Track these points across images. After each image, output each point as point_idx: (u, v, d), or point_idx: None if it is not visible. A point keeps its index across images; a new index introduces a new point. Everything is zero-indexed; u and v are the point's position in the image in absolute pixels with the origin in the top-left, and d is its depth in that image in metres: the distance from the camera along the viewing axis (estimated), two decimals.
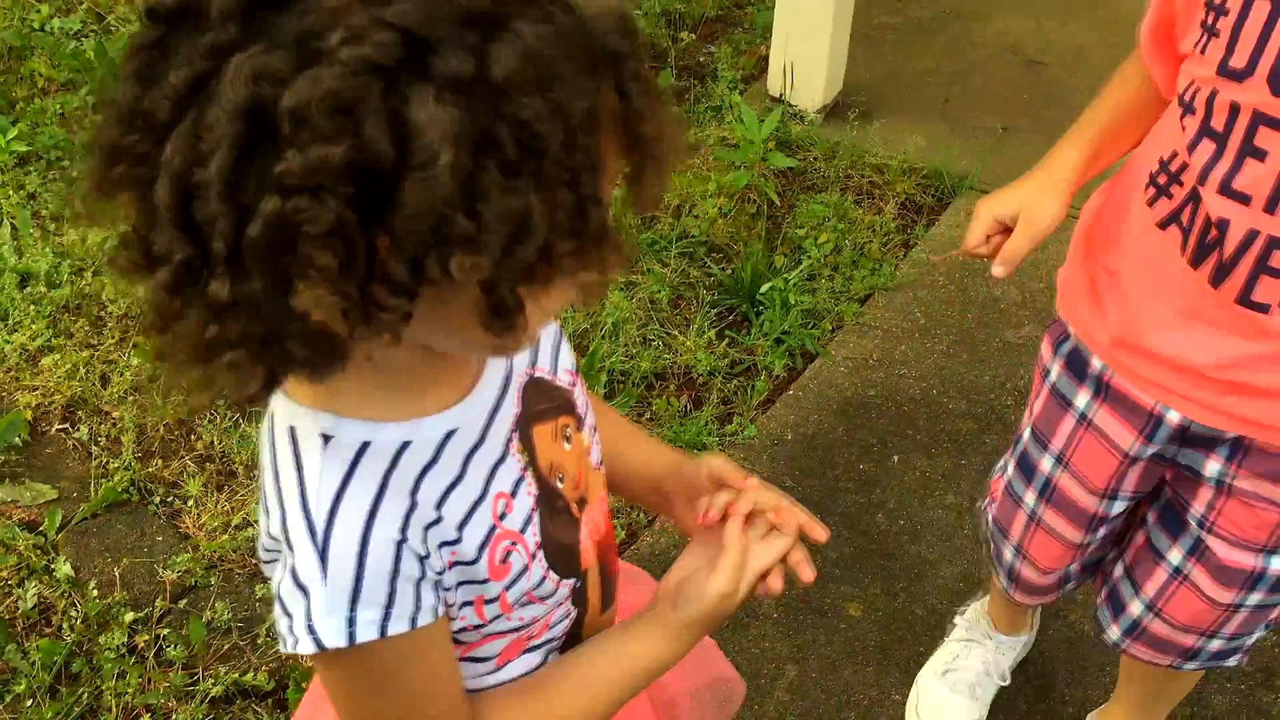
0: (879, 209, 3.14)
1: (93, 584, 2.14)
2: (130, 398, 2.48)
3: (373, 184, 0.60)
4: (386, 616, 0.82)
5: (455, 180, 0.60)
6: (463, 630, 0.92)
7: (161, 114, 0.61)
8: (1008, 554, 1.74)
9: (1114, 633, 1.67)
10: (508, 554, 0.90)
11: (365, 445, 0.82)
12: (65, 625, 2.08)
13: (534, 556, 0.93)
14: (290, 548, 0.81)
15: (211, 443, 2.41)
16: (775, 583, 1.00)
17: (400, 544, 0.82)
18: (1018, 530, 1.69)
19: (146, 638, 2.06)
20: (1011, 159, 3.35)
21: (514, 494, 0.91)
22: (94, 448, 2.39)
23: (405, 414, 0.85)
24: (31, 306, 2.65)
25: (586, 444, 1.03)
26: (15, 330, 2.60)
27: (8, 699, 1.98)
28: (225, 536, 2.23)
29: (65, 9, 3.66)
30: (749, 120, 3.13)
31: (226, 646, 2.06)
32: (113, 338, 2.61)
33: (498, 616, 0.93)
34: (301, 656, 0.84)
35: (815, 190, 3.17)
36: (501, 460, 0.91)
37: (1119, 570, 1.66)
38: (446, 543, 0.86)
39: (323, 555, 0.80)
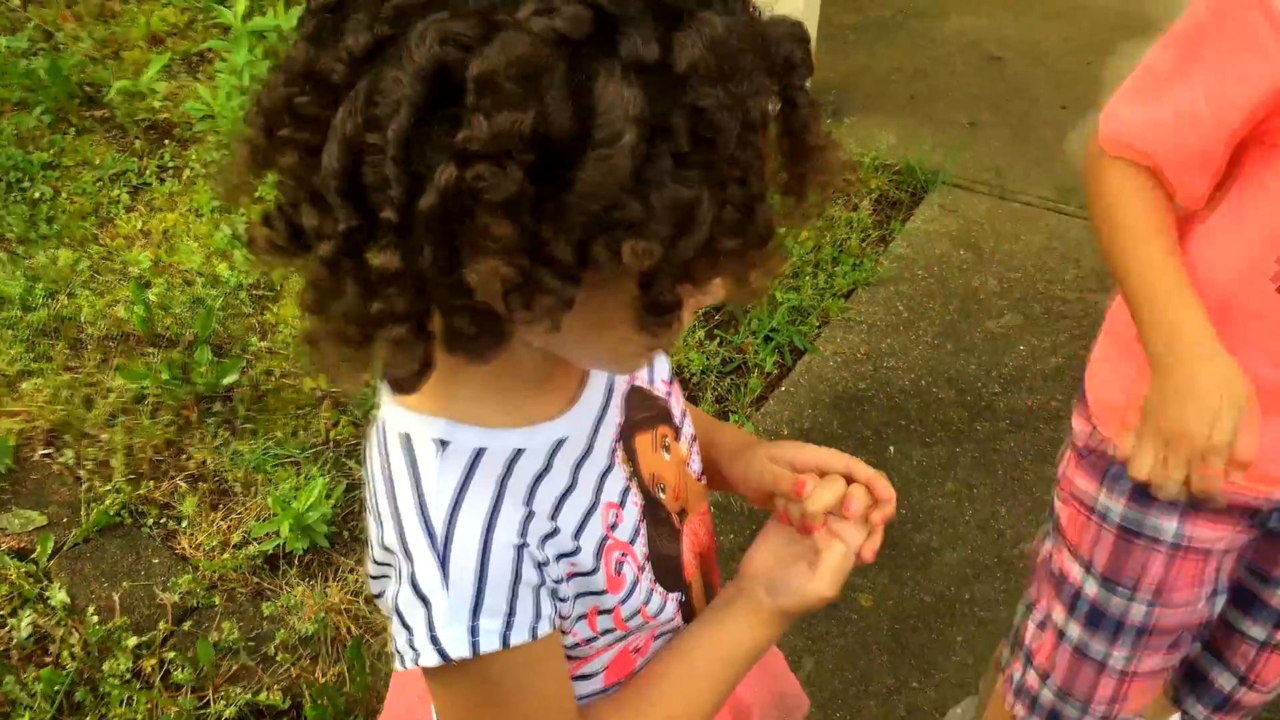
0: (855, 205, 3.17)
1: (91, 610, 2.08)
2: (117, 420, 2.42)
3: (552, 158, 0.59)
4: (509, 626, 0.79)
5: (633, 162, 0.59)
6: (574, 646, 0.90)
7: (336, 76, 0.59)
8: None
9: (1199, 711, 1.58)
10: (620, 565, 0.88)
11: (480, 451, 0.80)
12: (65, 654, 2.02)
13: (643, 569, 0.90)
14: (409, 557, 0.78)
15: (204, 462, 2.36)
16: (869, 554, 0.99)
17: (521, 549, 0.79)
18: (1106, 693, 1.46)
19: (152, 662, 2.01)
20: (981, 153, 3.41)
21: (622, 504, 0.90)
22: (82, 471, 2.33)
23: (517, 421, 0.83)
24: (8, 331, 2.58)
25: (685, 454, 1.01)
26: None
27: None
28: (226, 555, 2.18)
29: (10, 27, 3.58)
30: None
31: (236, 667, 2.02)
32: (93, 360, 2.55)
33: (609, 630, 0.91)
34: (419, 668, 0.80)
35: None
36: (609, 470, 0.89)
37: (1196, 648, 1.53)
38: (565, 554, 0.84)
39: (443, 563, 0.77)
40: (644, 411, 0.96)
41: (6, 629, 2.06)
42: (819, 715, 2.04)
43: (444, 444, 0.79)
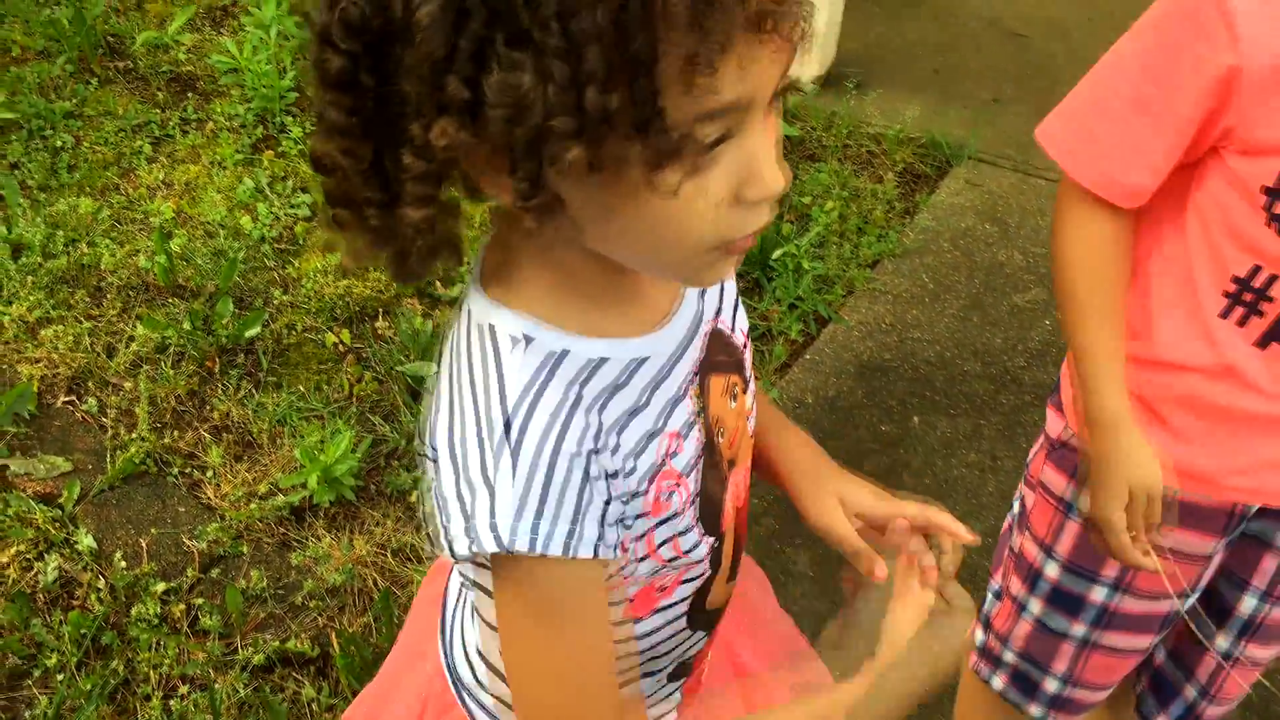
0: (880, 177, 3.16)
1: (119, 555, 2.07)
2: (140, 370, 2.40)
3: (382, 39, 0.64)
4: (572, 535, 0.76)
5: (440, 39, 0.61)
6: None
7: None
8: (1050, 685, 1.50)
9: None
10: (670, 493, 0.87)
11: (563, 353, 0.80)
12: (93, 598, 2.01)
13: (691, 502, 0.89)
14: (479, 444, 0.77)
15: (228, 413, 2.35)
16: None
17: (590, 456, 0.78)
18: (1065, 660, 1.47)
19: (180, 608, 2.00)
20: (1005, 129, 3.40)
21: (684, 436, 0.88)
22: (105, 419, 2.32)
23: (600, 333, 0.82)
24: (28, 277, 2.56)
25: (748, 408, 0.99)
26: (12, 302, 2.51)
27: (36, 673, 1.91)
28: (253, 505, 2.17)
29: None
30: None
31: (264, 615, 2.01)
32: (114, 309, 2.53)
33: (643, 558, 0.89)
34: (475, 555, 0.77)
35: (815, 160, 3.17)
36: (679, 399, 0.88)
37: (1161, 655, 1.51)
38: (616, 473, 0.82)
39: (515, 453, 0.76)
40: (722, 355, 0.95)
41: (33, 573, 2.05)
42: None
43: (528, 339, 0.79)
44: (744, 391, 0.98)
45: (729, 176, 0.69)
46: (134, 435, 2.28)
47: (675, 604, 0.98)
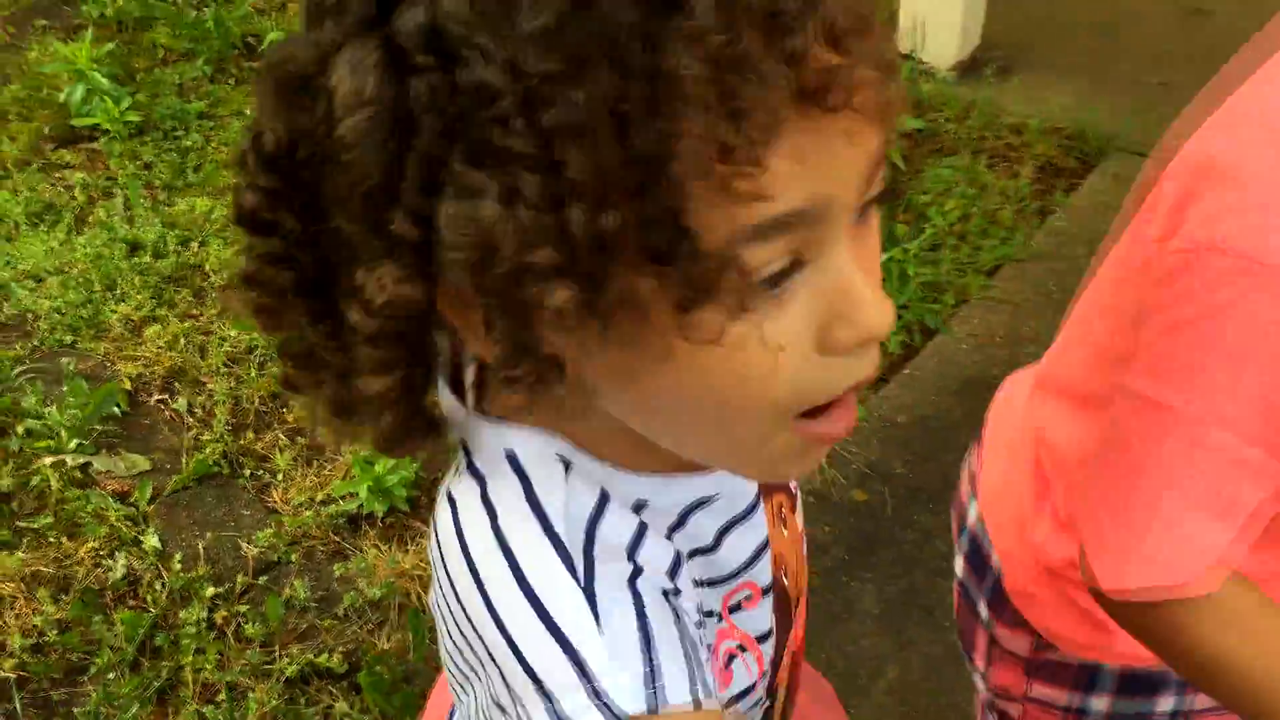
0: (1014, 172, 2.91)
1: (178, 557, 2.13)
2: (226, 369, 2.46)
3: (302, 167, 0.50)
4: (692, 680, 0.56)
5: (373, 161, 0.46)
6: None
7: None
8: None
9: None
10: (730, 658, 0.68)
11: (606, 494, 0.61)
12: (149, 598, 2.07)
13: (764, 674, 0.69)
14: (534, 606, 0.56)
15: (306, 415, 2.37)
16: None
17: (670, 594, 0.60)
18: None
19: (226, 613, 2.03)
20: (1169, 117, 3.05)
21: (766, 592, 0.69)
22: (189, 419, 2.39)
23: (650, 465, 0.61)
24: (138, 277, 2.66)
25: (801, 529, 0.80)
26: (122, 300, 2.62)
27: (92, 671, 1.98)
28: (309, 513, 2.18)
29: None
30: None
31: (304, 626, 2.02)
32: (214, 308, 2.61)
33: None
34: None
35: (944, 154, 2.95)
36: (765, 547, 0.69)
37: None
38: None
39: (590, 596, 0.56)
40: None
41: (103, 570, 2.13)
42: None
43: (568, 464, 0.60)
44: (792, 511, 0.79)
45: (807, 315, 0.50)
46: (211, 435, 2.34)
47: None
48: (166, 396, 2.46)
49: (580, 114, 0.42)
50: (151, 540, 2.15)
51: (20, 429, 2.34)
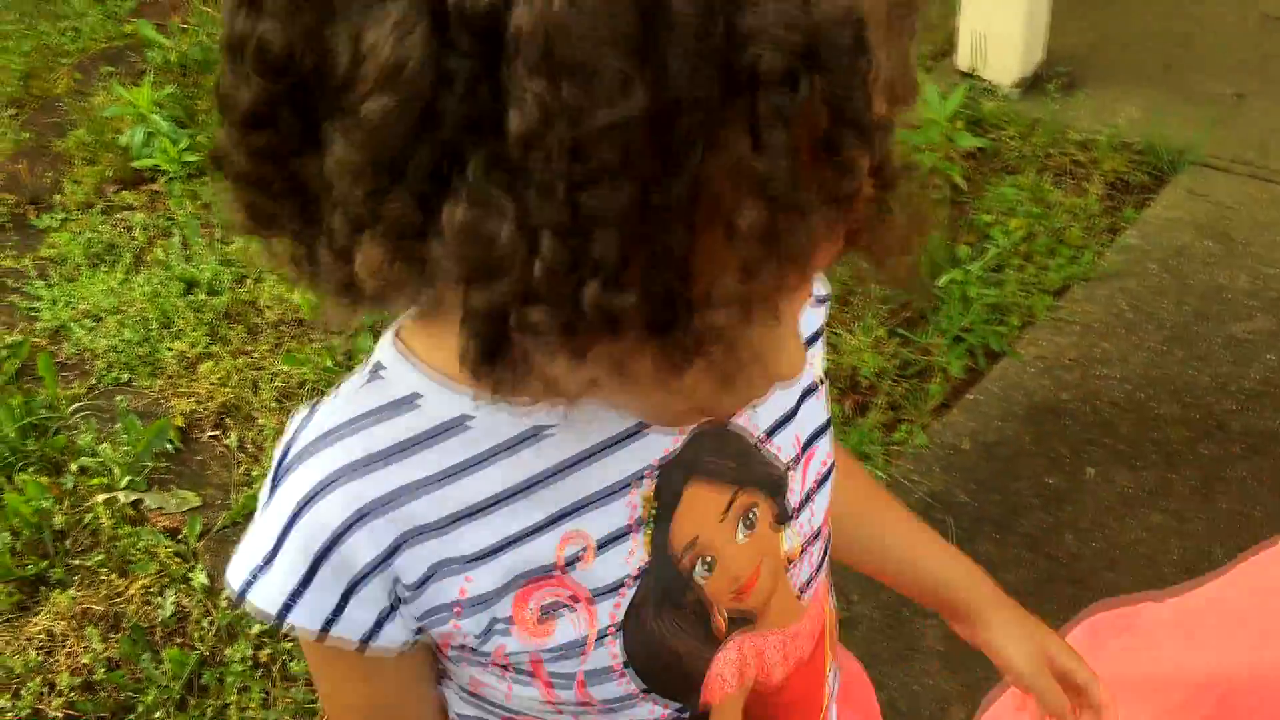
0: (1082, 190, 2.81)
1: (225, 593, 2.11)
2: (277, 404, 2.45)
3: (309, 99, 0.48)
4: (294, 602, 0.64)
5: (388, 133, 0.45)
6: (496, 693, 0.72)
7: None
8: None
9: None
10: (554, 609, 0.67)
11: (413, 397, 0.64)
12: (197, 635, 2.05)
13: (601, 637, 0.68)
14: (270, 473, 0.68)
15: None
16: None
17: (367, 522, 0.63)
18: None
19: (271, 650, 2.01)
20: (1245, 130, 2.95)
21: (603, 546, 0.67)
22: (240, 455, 2.38)
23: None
24: (193, 314, 2.68)
25: (785, 550, 0.75)
26: (177, 338, 2.63)
27: (139, 709, 1.96)
28: None
29: None
30: (931, 98, 2.86)
31: None
32: (266, 344, 2.60)
33: (539, 699, 0.70)
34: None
35: (1008, 172, 2.86)
36: (607, 496, 0.67)
37: None
38: (448, 562, 0.64)
39: (274, 484, 0.66)
40: (723, 459, 0.72)
41: (152, 607, 2.12)
42: None
43: (378, 370, 0.66)
44: (776, 522, 0.74)
45: (738, 359, 0.52)
46: (262, 471, 2.32)
47: None
48: (219, 432, 2.45)
49: (621, 207, 0.43)
50: (200, 577, 2.14)
51: (74, 466, 2.35)
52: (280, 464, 0.65)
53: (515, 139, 0.42)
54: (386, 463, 0.63)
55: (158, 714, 1.94)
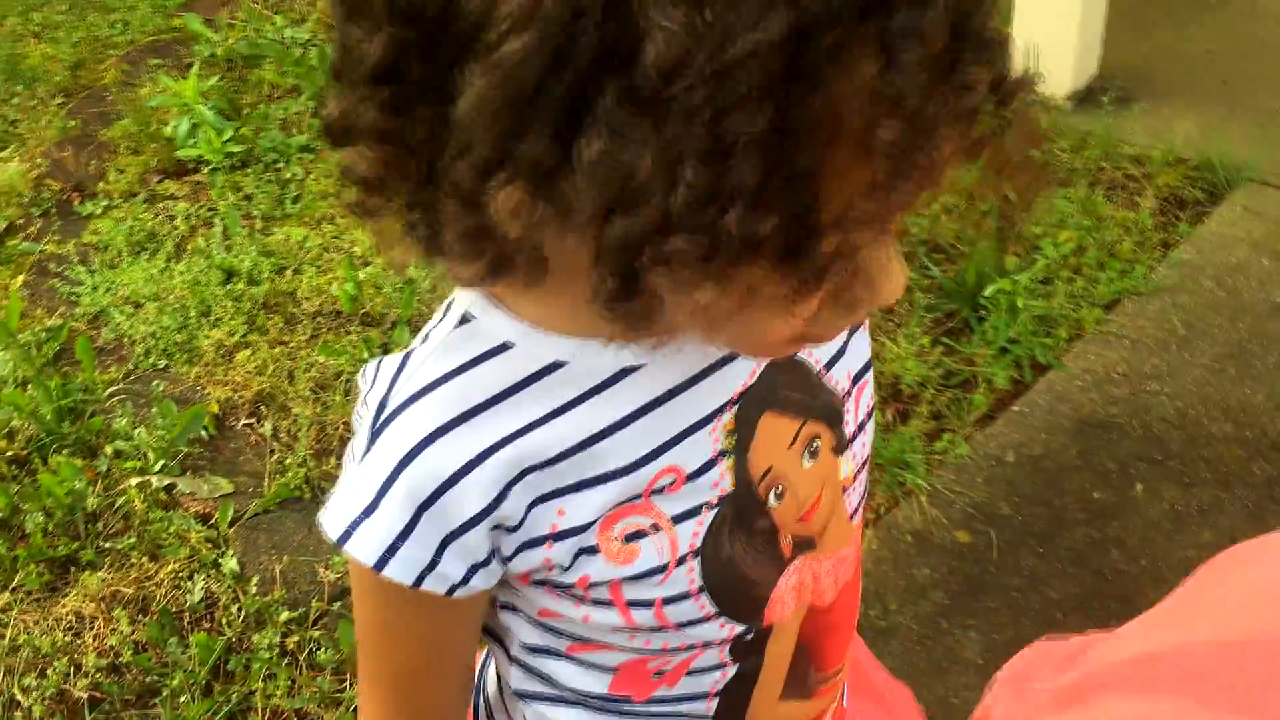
0: (1134, 204, 2.75)
1: (255, 580, 2.09)
2: (313, 395, 2.44)
3: (438, 46, 0.49)
4: (422, 567, 0.66)
5: (523, 78, 0.45)
6: (569, 622, 0.74)
7: None
8: None
9: None
10: (637, 535, 0.69)
11: (505, 345, 0.65)
12: (225, 621, 2.03)
13: (681, 562, 0.70)
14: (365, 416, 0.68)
15: None
16: None
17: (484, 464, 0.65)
18: None
19: (299, 639, 1.98)
20: None
21: (692, 476, 0.69)
22: (275, 444, 2.36)
23: (580, 329, 0.65)
24: (232, 303, 2.67)
25: (843, 475, 0.79)
26: (216, 326, 2.63)
27: (164, 693, 1.94)
28: None
29: (298, 19, 3.76)
30: None
31: None
32: (303, 335, 2.59)
33: (615, 625, 0.72)
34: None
35: (1060, 185, 2.81)
36: (692, 430, 0.69)
37: None
38: (548, 495, 0.67)
39: (375, 434, 0.66)
40: (792, 391, 0.74)
41: (181, 591, 2.10)
42: None
43: (467, 319, 0.66)
44: (835, 451, 0.77)
45: (853, 281, 0.54)
46: (295, 459, 2.31)
47: (687, 698, 0.78)
48: (253, 421, 2.44)
49: (761, 130, 0.44)
50: (230, 563, 2.12)
51: (109, 450, 2.35)
52: (380, 415, 0.66)
53: (653, 68, 0.43)
54: (488, 409, 0.64)
55: (183, 698, 1.92)
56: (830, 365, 0.76)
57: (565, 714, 0.80)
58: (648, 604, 0.70)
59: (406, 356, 0.67)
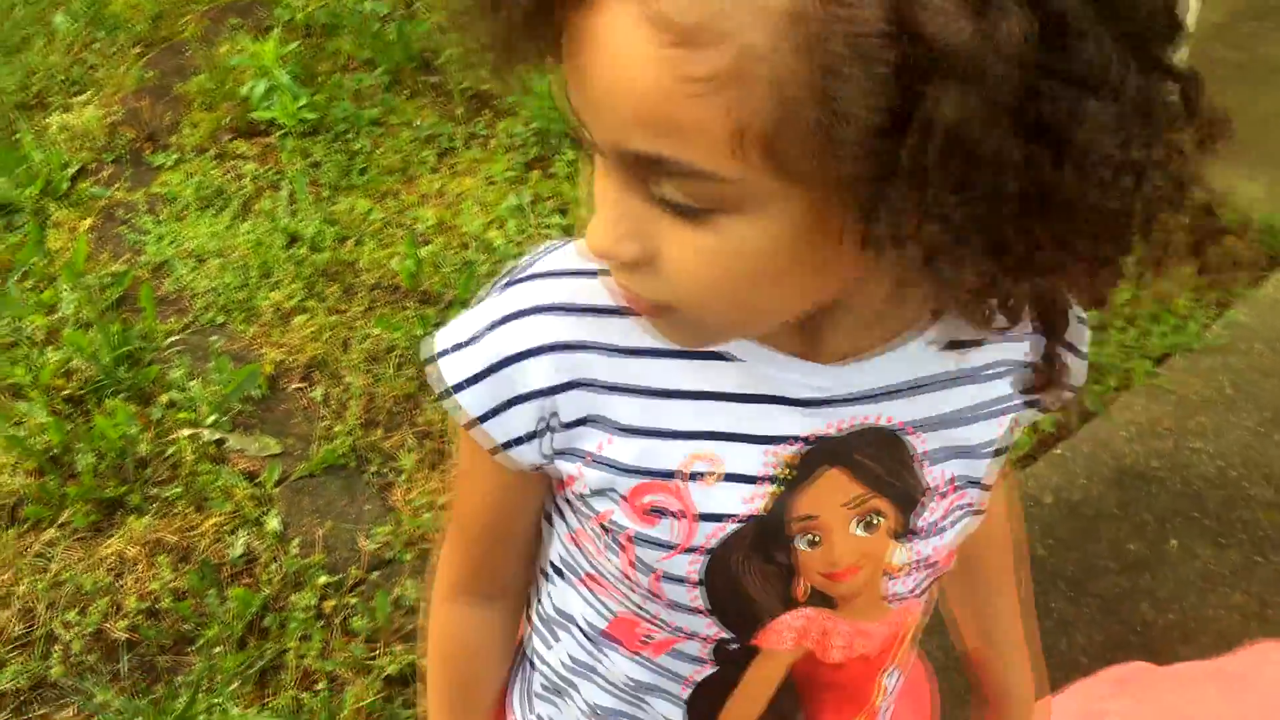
0: (1193, 260, 2.76)
1: (296, 541, 2.13)
2: (365, 366, 2.48)
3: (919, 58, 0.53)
4: (494, 414, 0.73)
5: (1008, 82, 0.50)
6: (588, 555, 0.79)
7: None
8: None
9: None
10: (663, 513, 0.71)
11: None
12: (264, 578, 2.07)
13: (690, 551, 0.72)
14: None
15: (434, 421, 2.37)
16: None
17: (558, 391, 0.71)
18: None
19: (335, 604, 2.02)
20: None
21: (729, 478, 0.71)
22: (324, 410, 2.40)
23: None
24: (293, 267, 2.71)
25: (898, 562, 0.77)
26: (275, 288, 2.67)
27: (199, 642, 1.98)
28: (429, 515, 2.17)
29: None
30: None
31: (410, 627, 1.99)
32: (360, 305, 2.63)
33: (619, 572, 0.75)
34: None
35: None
36: (749, 439, 0.71)
37: None
38: (599, 419, 0.72)
39: (504, 287, 0.74)
40: (876, 463, 0.73)
41: (223, 545, 2.14)
42: None
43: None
44: (899, 537, 0.76)
45: None
46: (343, 428, 2.34)
47: (669, 673, 0.80)
48: (305, 385, 2.48)
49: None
50: (273, 522, 2.16)
51: (164, 399, 2.39)
52: (517, 272, 0.73)
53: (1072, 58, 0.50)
54: (587, 315, 0.70)
55: (217, 649, 1.96)
56: (936, 460, 0.75)
57: (567, 638, 0.86)
58: (648, 568, 0.73)
59: (554, 243, 0.75)
